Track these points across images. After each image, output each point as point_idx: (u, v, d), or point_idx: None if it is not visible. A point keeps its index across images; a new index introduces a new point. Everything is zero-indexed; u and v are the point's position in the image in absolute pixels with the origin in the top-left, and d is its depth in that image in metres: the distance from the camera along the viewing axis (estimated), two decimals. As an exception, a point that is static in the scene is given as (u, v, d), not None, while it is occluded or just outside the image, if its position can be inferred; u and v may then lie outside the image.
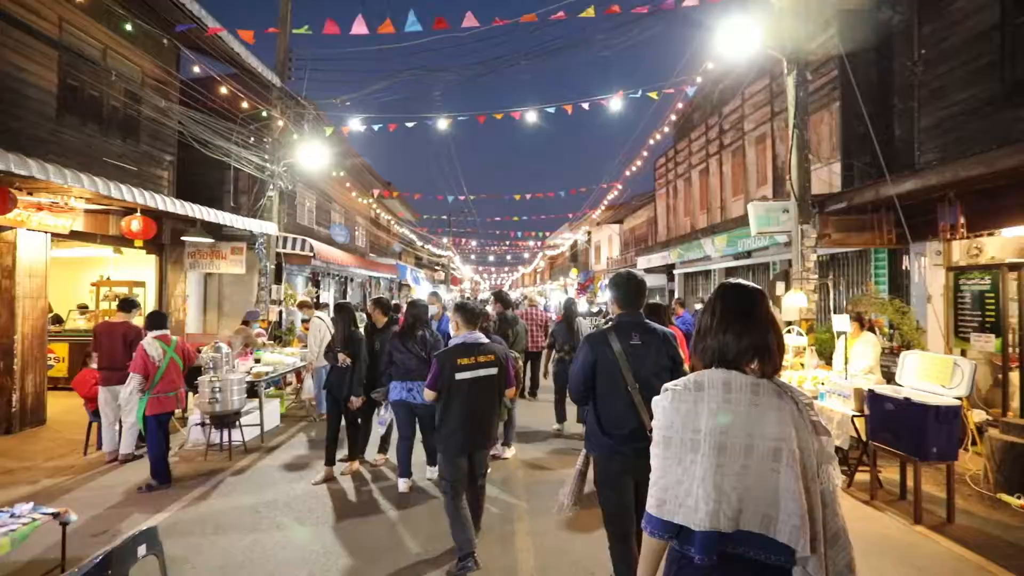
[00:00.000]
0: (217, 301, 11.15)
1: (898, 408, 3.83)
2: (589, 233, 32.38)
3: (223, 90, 9.34)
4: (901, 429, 3.82)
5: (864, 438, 4.29)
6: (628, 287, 2.81)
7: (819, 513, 1.27)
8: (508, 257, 54.08)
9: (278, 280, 11.08)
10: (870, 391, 4.09)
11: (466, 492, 3.47)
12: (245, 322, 6.91)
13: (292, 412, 7.46)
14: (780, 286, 6.88)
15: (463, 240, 35.45)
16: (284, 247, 11.36)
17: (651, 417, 2.60)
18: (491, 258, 53.65)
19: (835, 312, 10.38)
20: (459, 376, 3.31)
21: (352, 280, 17.36)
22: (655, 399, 1.49)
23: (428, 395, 3.43)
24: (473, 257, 53.62)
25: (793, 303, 5.74)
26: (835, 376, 5.05)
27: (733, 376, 1.38)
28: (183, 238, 8.49)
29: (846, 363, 5.16)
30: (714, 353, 1.43)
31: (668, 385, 1.46)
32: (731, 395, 1.35)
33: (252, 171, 10.07)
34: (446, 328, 5.61)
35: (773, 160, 12.05)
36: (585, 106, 10.12)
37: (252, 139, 10.19)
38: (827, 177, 11.16)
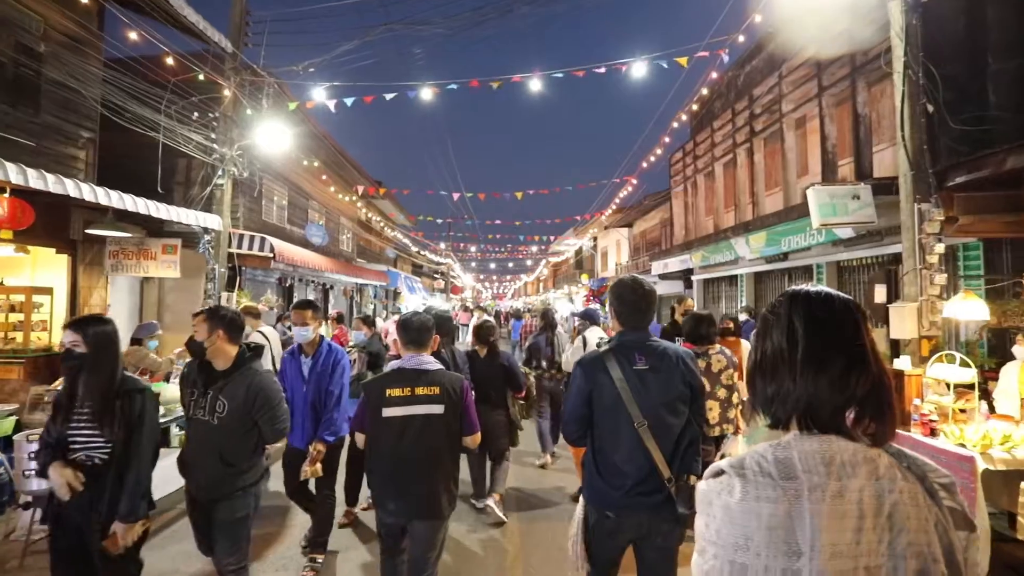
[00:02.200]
0: (156, 312, 9.27)
1: None
2: (595, 239, 30.55)
3: (157, 53, 7.54)
4: None
5: None
6: (634, 298, 2.27)
7: None
8: (510, 264, 52.33)
9: (231, 286, 9.21)
10: None
11: None
12: (137, 341, 5.01)
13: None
14: (880, 291, 4.97)
15: (462, 245, 33.66)
16: (241, 247, 9.50)
17: (666, 457, 2.11)
18: (492, 265, 51.85)
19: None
20: (387, 412, 2.51)
21: (332, 288, 15.49)
22: (701, 489, 0.93)
23: (358, 439, 2.65)
24: (474, 265, 51.84)
25: (965, 312, 3.77)
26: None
27: (836, 448, 0.87)
28: (88, 231, 6.63)
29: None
30: (797, 406, 0.90)
31: (723, 465, 0.90)
32: (843, 483, 0.83)
33: (195, 153, 8.23)
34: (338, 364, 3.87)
35: (822, 143, 10.17)
36: (601, 71, 8.27)
37: (195, 114, 8.36)
38: (891, 161, 9.28)
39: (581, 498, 2.29)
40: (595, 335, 5.11)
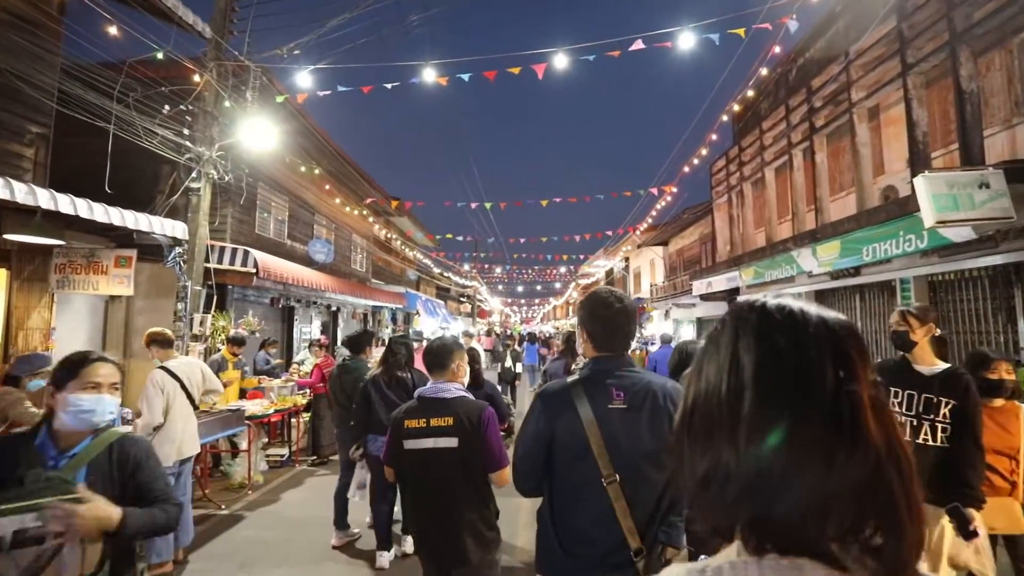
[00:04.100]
0: (123, 337, 8.05)
1: None
2: (627, 259, 28.85)
3: (115, 32, 6.45)
4: None
5: None
6: (609, 314, 1.84)
7: None
8: (538, 287, 50.84)
9: (210, 307, 7.96)
10: None
11: None
12: (13, 379, 3.66)
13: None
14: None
15: (487, 266, 32.40)
16: (222, 261, 8.28)
17: (639, 524, 1.77)
18: (520, 288, 50.49)
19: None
20: (407, 445, 2.33)
21: (340, 310, 14.22)
22: None
23: (388, 474, 2.49)
24: (501, 288, 50.55)
25: None
26: None
27: None
28: (5, 236, 5.42)
29: None
30: (742, 500, 0.55)
31: None
32: None
33: (166, 151, 7.08)
34: None
35: (909, 132, 8.40)
36: (639, 47, 6.82)
37: (167, 107, 7.26)
38: (1005, 146, 7.51)
39: None
40: None
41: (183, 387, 3.90)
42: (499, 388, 4.51)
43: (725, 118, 9.75)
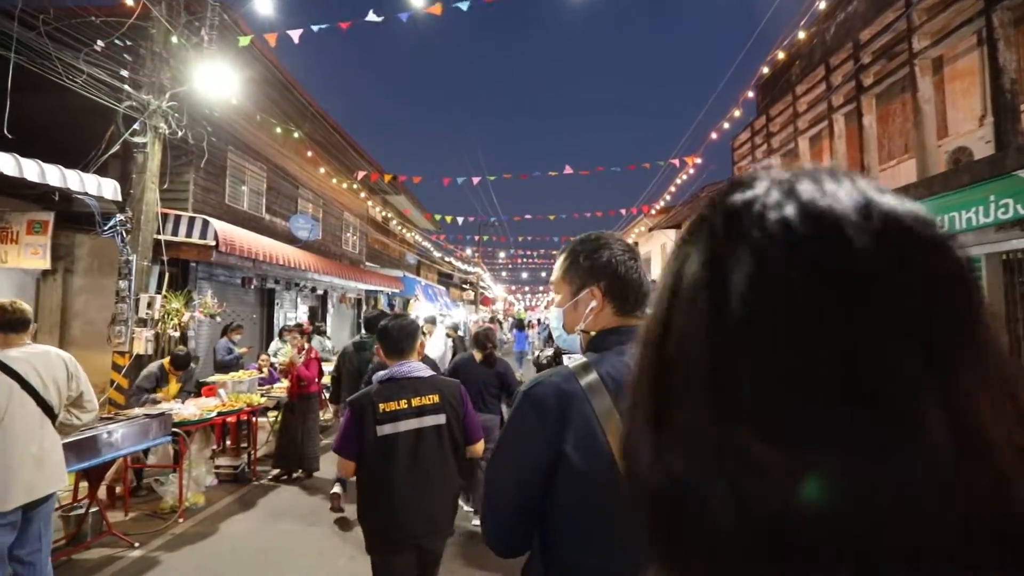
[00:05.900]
0: (61, 321, 6.86)
1: None
2: (636, 244, 27.59)
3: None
4: None
5: None
6: (634, 264, 1.26)
7: None
8: (543, 274, 49.60)
9: (162, 286, 6.76)
10: None
11: None
12: None
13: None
14: None
15: (491, 250, 31.14)
16: (177, 233, 7.04)
17: None
18: (524, 275, 49.28)
19: None
20: (383, 430, 2.21)
21: (330, 293, 12.99)
22: None
23: (343, 468, 2.27)
24: (504, 275, 49.31)
25: None
26: None
27: None
28: None
29: None
30: (754, 522, 0.29)
31: None
32: None
33: (96, 95, 5.82)
34: None
35: (994, 78, 7.02)
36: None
37: (99, 41, 5.99)
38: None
39: None
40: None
41: (28, 388, 2.64)
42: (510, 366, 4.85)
43: (766, 69, 8.41)
